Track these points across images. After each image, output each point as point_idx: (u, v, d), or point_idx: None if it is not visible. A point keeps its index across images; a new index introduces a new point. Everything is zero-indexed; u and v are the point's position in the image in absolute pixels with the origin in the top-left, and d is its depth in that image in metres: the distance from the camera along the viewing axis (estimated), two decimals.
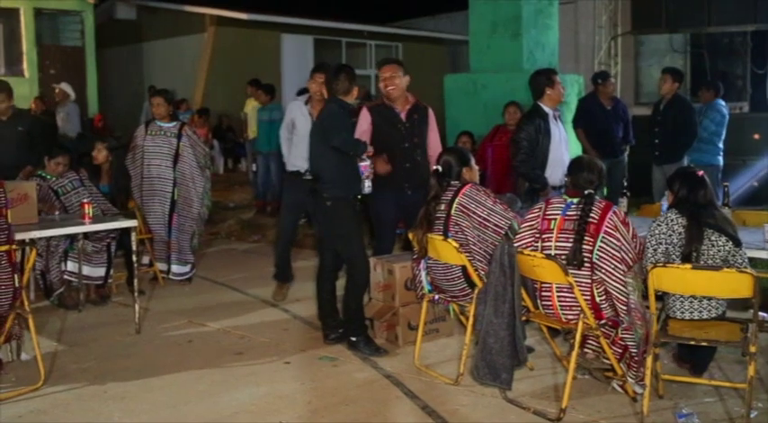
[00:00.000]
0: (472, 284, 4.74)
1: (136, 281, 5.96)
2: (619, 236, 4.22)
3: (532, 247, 4.42)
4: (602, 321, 4.25)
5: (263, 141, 10.92)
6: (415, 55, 19.80)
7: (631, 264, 4.23)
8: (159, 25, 19.67)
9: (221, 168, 15.57)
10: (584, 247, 4.25)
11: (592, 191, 4.37)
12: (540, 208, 4.51)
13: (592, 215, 4.27)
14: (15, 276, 4.73)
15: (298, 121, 6.45)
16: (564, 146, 6.25)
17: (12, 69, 17.24)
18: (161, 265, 7.34)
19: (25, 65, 17.32)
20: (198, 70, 18.30)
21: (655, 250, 4.32)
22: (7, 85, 7.33)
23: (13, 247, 4.75)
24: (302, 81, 16.88)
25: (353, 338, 5.31)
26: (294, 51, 19.09)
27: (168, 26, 19.38)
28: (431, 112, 6.10)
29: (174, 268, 7.33)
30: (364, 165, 5.36)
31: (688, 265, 4.09)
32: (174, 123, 7.32)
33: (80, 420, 4.30)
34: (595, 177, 4.45)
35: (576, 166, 4.57)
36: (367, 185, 5.40)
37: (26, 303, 4.87)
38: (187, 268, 7.39)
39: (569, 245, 4.29)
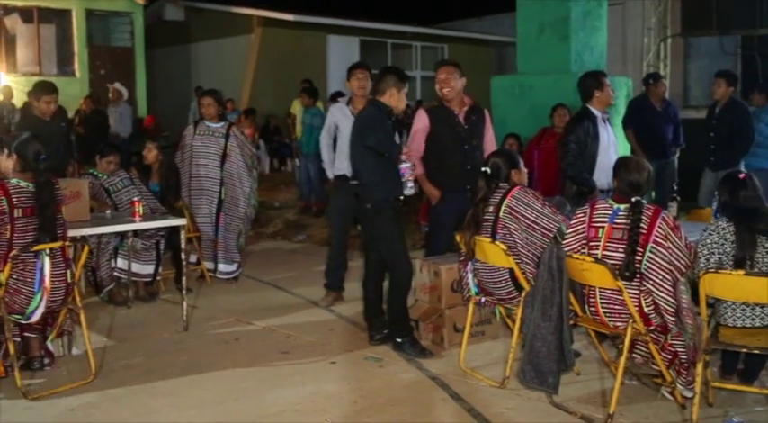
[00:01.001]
0: (519, 287, 4.71)
1: (184, 278, 6.02)
2: (669, 244, 4.14)
3: (580, 253, 4.38)
4: (651, 328, 4.20)
5: (305, 143, 11.10)
6: (461, 56, 19.67)
7: (684, 270, 4.15)
8: (207, 26, 19.89)
9: (267, 168, 15.70)
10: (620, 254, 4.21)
11: (639, 198, 4.27)
12: (585, 213, 4.44)
13: (641, 225, 4.19)
14: (68, 272, 4.82)
15: (341, 123, 6.42)
16: (612, 149, 6.19)
17: (63, 69, 17.58)
18: (208, 264, 7.41)
19: (76, 65, 17.64)
20: (244, 71, 18.47)
21: (707, 260, 4.23)
22: (55, 86, 7.46)
23: (67, 243, 4.84)
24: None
25: (399, 340, 5.31)
26: (340, 52, 19.17)
27: (216, 27, 19.59)
28: (487, 114, 6.16)
29: (221, 267, 7.40)
30: (404, 167, 5.30)
31: (741, 272, 4.02)
32: (223, 123, 7.39)
33: (129, 414, 4.36)
34: (643, 180, 4.32)
35: (622, 167, 4.43)
36: (410, 187, 5.34)
37: (78, 299, 4.96)
38: (233, 267, 7.46)
39: (617, 254, 4.22)
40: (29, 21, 17.11)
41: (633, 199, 4.25)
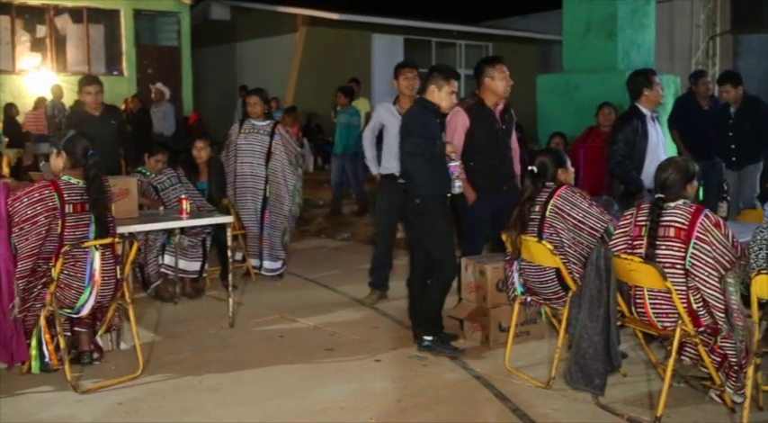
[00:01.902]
0: (566, 287, 4.67)
1: (230, 276, 6.07)
2: (711, 240, 4.08)
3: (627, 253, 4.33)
4: (701, 329, 4.14)
5: (338, 142, 11.06)
6: (506, 55, 19.52)
7: (729, 266, 4.08)
8: (252, 25, 20.04)
9: (311, 166, 15.77)
10: (676, 253, 4.14)
11: (661, 195, 4.26)
12: (632, 213, 4.41)
13: (680, 220, 4.14)
14: (117, 268, 4.89)
15: (387, 122, 6.39)
16: (661, 148, 6.11)
17: (111, 69, 17.87)
18: (254, 261, 7.47)
19: (124, 64, 17.92)
20: (289, 70, 18.57)
21: (756, 256, 4.17)
22: (97, 78, 7.57)
23: (116, 240, 4.91)
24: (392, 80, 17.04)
25: (429, 338, 5.25)
26: (384, 51, 19.20)
27: (261, 26, 19.73)
28: (513, 113, 6.12)
29: (266, 264, 7.44)
30: (454, 165, 5.26)
31: None
32: (268, 122, 7.44)
33: (175, 410, 4.41)
34: (668, 178, 4.28)
35: (662, 167, 4.43)
36: (457, 185, 5.30)
37: (127, 295, 5.03)
38: (278, 264, 7.50)
39: (659, 252, 4.18)
40: (78, 21, 17.41)
41: (656, 195, 4.26)
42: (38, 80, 16.31)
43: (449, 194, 5.34)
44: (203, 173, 7.22)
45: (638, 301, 4.29)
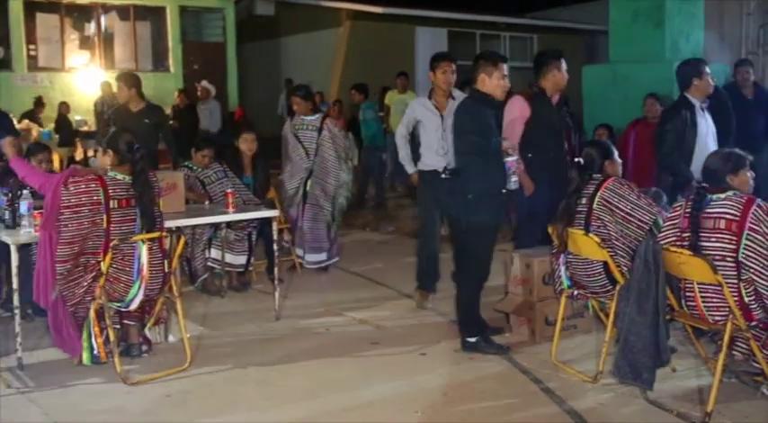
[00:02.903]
0: (614, 281, 4.61)
1: (276, 269, 6.11)
2: (765, 230, 3.99)
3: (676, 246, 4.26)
4: (753, 323, 4.05)
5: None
6: (551, 46, 19.40)
7: None
8: (296, 20, 20.10)
9: (356, 160, 15.77)
10: (727, 246, 4.06)
11: (704, 184, 4.22)
12: (681, 205, 4.33)
13: (731, 212, 4.06)
14: (165, 262, 4.94)
15: (424, 117, 6.18)
16: (711, 139, 6.00)
17: (158, 65, 18.06)
18: (300, 252, 7.48)
19: (170, 61, 18.11)
20: (333, 64, 18.60)
21: None
22: (127, 75, 7.73)
23: (164, 234, 4.97)
24: None
25: (471, 340, 5.19)
26: (428, 44, 19.11)
27: (305, 21, 19.78)
28: (569, 106, 6.06)
29: (308, 257, 7.45)
30: (511, 160, 5.15)
31: None
32: (317, 116, 7.44)
33: (223, 402, 4.45)
34: (711, 167, 4.25)
35: (709, 157, 4.39)
36: (513, 181, 5.19)
37: (174, 288, 5.08)
38: (323, 256, 7.50)
39: (708, 244, 4.11)
40: (125, 18, 17.63)
41: (694, 183, 4.24)
42: (87, 77, 16.56)
43: (504, 191, 5.23)
44: (248, 167, 7.26)
45: (687, 294, 4.23)
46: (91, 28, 17.35)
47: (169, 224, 5.31)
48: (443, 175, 5.79)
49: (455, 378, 4.75)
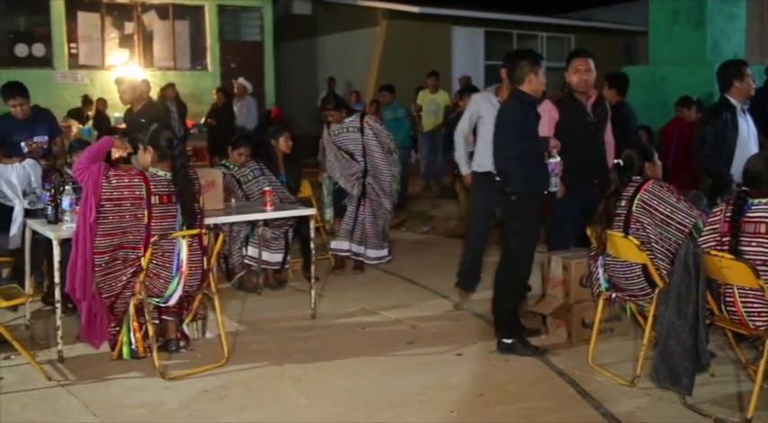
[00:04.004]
0: (653, 284, 4.57)
1: (312, 267, 6.13)
2: None
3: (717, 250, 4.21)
4: None
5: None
6: (589, 47, 19.27)
7: None
8: (333, 19, 20.17)
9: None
10: (765, 249, 4.01)
11: (746, 189, 4.17)
12: (722, 209, 4.30)
13: (747, 215, 4.04)
14: (204, 259, 4.99)
15: (487, 113, 5.97)
16: (752, 141, 5.93)
17: (196, 63, 18.22)
18: (360, 248, 7.43)
19: (209, 59, 18.27)
20: (370, 63, 18.64)
21: None
22: (123, 78, 7.90)
23: (203, 231, 5.01)
24: (473, 73, 16.95)
25: (507, 341, 5.17)
26: (465, 44, 19.11)
27: (342, 20, 19.84)
28: (608, 107, 5.99)
29: (370, 253, 7.42)
30: (554, 162, 5.14)
31: None
32: (353, 117, 7.38)
33: (260, 398, 4.48)
34: (753, 170, 4.19)
35: (750, 160, 4.33)
36: (554, 183, 5.17)
37: (213, 285, 5.13)
38: (385, 252, 7.51)
39: (749, 248, 4.07)
40: (165, 17, 17.82)
41: (734, 185, 4.14)
42: (126, 75, 16.77)
43: (546, 192, 5.22)
44: (281, 166, 7.27)
45: (727, 299, 4.18)
46: (131, 26, 17.56)
47: (208, 221, 5.36)
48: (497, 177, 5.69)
49: (490, 379, 4.73)
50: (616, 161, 4.86)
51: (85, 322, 4.95)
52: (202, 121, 15.05)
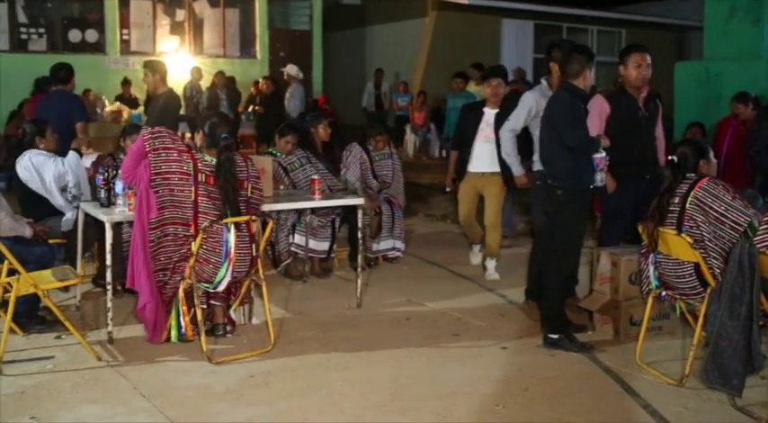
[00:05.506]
0: (705, 283, 4.49)
1: (360, 256, 6.14)
2: None
3: None
4: None
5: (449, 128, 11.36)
6: (641, 41, 19.00)
7: None
8: (382, 10, 20.14)
9: (437, 152, 15.74)
10: None
11: None
12: None
13: None
14: (253, 246, 5.02)
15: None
16: None
17: (245, 52, 18.34)
18: (398, 244, 7.46)
19: (258, 47, 18.36)
20: (418, 54, 18.59)
21: None
22: (152, 63, 8.10)
23: (253, 218, 5.05)
24: (521, 66, 16.80)
25: (554, 336, 5.13)
26: (514, 36, 18.96)
27: (391, 11, 19.81)
28: (659, 103, 5.91)
29: (398, 244, 7.45)
30: (599, 157, 5.10)
31: None
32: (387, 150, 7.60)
33: (305, 385, 4.51)
34: None
35: None
36: (599, 178, 5.13)
37: (261, 271, 5.16)
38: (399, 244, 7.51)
39: None
40: (215, 5, 17.94)
41: None
42: (176, 62, 16.91)
43: (591, 187, 5.18)
44: (320, 153, 7.27)
45: None
46: (182, 14, 17.71)
47: None
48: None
49: (536, 374, 4.71)
50: (670, 158, 4.78)
51: (151, 324, 5.01)
52: (249, 108, 15.13)
